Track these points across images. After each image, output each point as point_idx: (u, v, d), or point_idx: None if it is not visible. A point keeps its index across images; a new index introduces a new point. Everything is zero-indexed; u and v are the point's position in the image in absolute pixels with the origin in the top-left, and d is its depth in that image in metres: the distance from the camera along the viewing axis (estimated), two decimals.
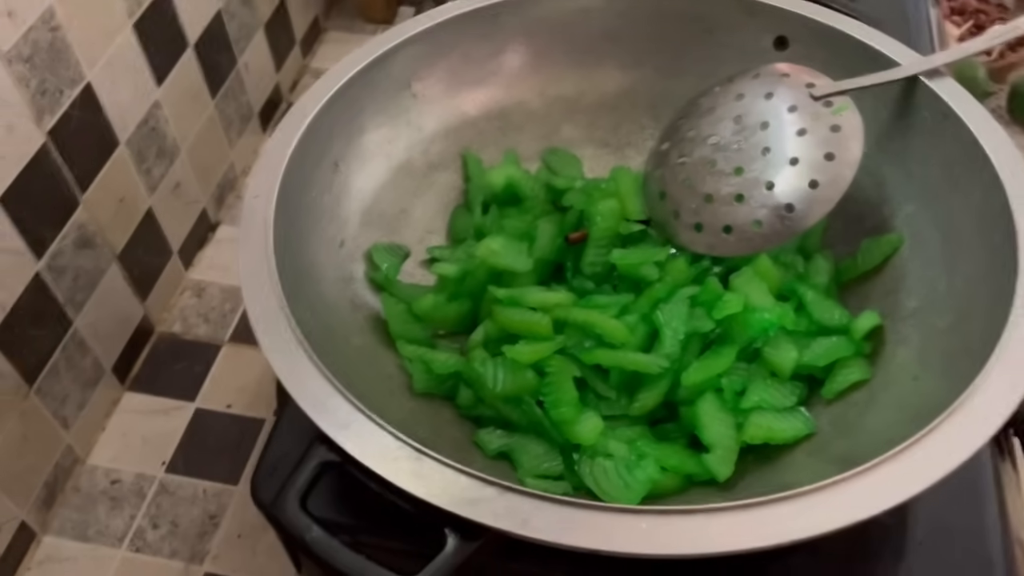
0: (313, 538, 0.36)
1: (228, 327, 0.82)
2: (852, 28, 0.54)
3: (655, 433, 0.47)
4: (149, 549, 0.68)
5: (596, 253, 0.52)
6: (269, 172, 0.47)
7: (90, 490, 0.71)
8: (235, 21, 0.87)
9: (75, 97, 0.65)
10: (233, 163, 0.92)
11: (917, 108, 0.51)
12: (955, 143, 0.48)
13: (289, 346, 0.40)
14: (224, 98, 0.88)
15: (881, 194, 0.53)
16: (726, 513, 0.35)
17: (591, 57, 0.60)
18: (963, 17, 0.97)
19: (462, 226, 0.58)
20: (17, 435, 0.64)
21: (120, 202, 0.73)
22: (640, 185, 0.54)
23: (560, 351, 0.47)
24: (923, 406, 0.40)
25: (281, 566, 0.67)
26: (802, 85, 0.50)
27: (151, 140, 0.76)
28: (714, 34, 0.58)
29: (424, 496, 0.35)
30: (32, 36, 0.60)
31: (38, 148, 0.63)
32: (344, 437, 0.37)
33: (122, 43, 0.70)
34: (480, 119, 0.59)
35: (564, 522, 0.35)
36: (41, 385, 0.66)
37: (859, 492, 0.35)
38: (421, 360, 0.48)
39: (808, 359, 0.47)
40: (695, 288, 0.49)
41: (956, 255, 0.47)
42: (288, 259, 0.45)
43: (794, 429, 0.45)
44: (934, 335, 0.46)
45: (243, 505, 0.70)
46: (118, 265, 0.74)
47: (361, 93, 0.53)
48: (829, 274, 0.52)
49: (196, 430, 0.75)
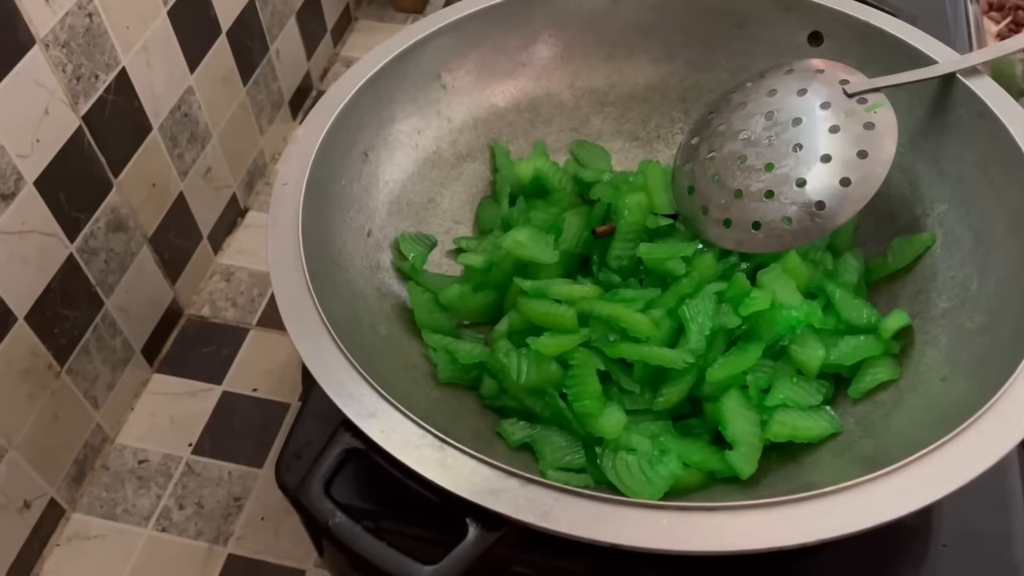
0: (336, 523, 0.37)
1: (256, 312, 0.83)
2: (888, 24, 0.53)
3: (678, 428, 0.47)
4: (175, 529, 0.69)
5: (623, 247, 0.52)
6: (299, 160, 0.47)
7: (118, 469, 0.72)
8: (268, 8, 0.88)
9: (110, 82, 0.66)
10: (263, 150, 0.93)
11: (953, 106, 0.50)
12: (991, 142, 0.48)
13: (316, 333, 0.40)
14: (255, 85, 0.88)
15: (914, 193, 0.52)
16: (748, 511, 0.35)
17: (622, 50, 0.60)
18: (1001, 13, 0.95)
19: (489, 217, 0.58)
20: (49, 413, 0.66)
21: (152, 186, 0.74)
22: (669, 179, 0.53)
23: (584, 344, 0.47)
24: (951, 408, 0.40)
25: (304, 550, 0.67)
26: (836, 81, 0.49)
27: (183, 125, 0.77)
28: (747, 28, 0.57)
29: (447, 485, 0.36)
30: (69, 21, 0.61)
31: (73, 132, 0.63)
32: (369, 425, 0.38)
33: (157, 29, 0.71)
34: (509, 111, 0.59)
35: (585, 515, 0.35)
36: (72, 365, 0.67)
37: (884, 493, 0.35)
38: (446, 350, 0.48)
39: (835, 358, 0.47)
40: (722, 284, 0.49)
41: (989, 256, 0.47)
42: (316, 247, 0.45)
43: (819, 428, 0.45)
44: (964, 336, 0.45)
45: (267, 488, 0.71)
46: (149, 248, 0.75)
47: (391, 83, 0.53)
48: (859, 272, 0.52)
49: (222, 413, 0.76)
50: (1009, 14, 0.94)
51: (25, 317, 0.61)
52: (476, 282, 0.53)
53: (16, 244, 0.60)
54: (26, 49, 0.57)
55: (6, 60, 0.56)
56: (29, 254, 0.61)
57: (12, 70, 0.56)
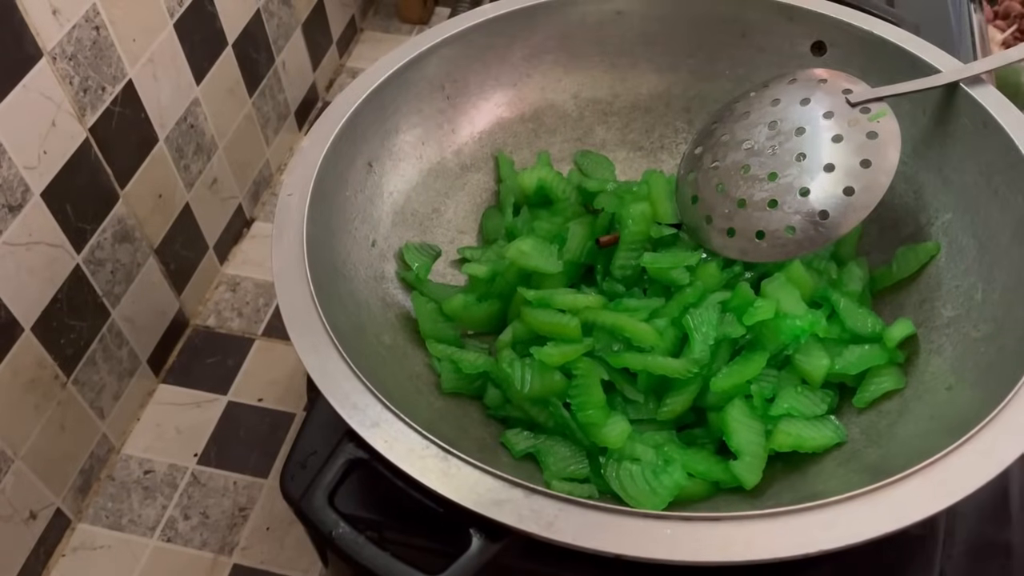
0: (340, 534, 0.37)
1: (261, 322, 0.83)
2: (891, 33, 0.53)
3: (682, 438, 0.47)
4: (180, 539, 0.69)
5: (627, 256, 0.52)
6: (304, 170, 0.48)
7: (124, 479, 0.73)
8: (274, 20, 0.89)
9: (116, 94, 0.67)
10: (269, 160, 0.93)
11: (957, 115, 0.50)
12: (995, 151, 0.47)
13: (321, 344, 0.41)
14: (261, 96, 0.89)
15: (918, 201, 0.52)
16: (753, 521, 0.35)
17: (626, 60, 0.60)
18: (1007, 21, 0.95)
19: (493, 227, 0.58)
20: (55, 423, 0.66)
21: (158, 197, 0.74)
22: (672, 189, 0.54)
23: (588, 354, 0.47)
24: (957, 417, 0.39)
25: (308, 560, 0.67)
26: (839, 91, 0.49)
27: (189, 137, 0.77)
28: (750, 38, 0.57)
29: (450, 495, 0.36)
30: (76, 34, 0.61)
31: (80, 144, 0.64)
32: (373, 435, 0.38)
33: (163, 41, 0.71)
34: (513, 121, 0.60)
35: (589, 526, 0.35)
36: (78, 375, 0.68)
37: (890, 503, 0.35)
38: (450, 359, 0.48)
39: (840, 367, 0.47)
40: (726, 293, 0.49)
41: (994, 264, 0.47)
42: (320, 257, 0.45)
43: (824, 437, 0.45)
44: (969, 345, 0.45)
45: (272, 498, 0.71)
46: (155, 259, 0.76)
47: (396, 94, 0.53)
48: (863, 281, 0.52)
49: (228, 423, 0.76)
50: (1015, 22, 0.94)
51: (32, 328, 0.62)
52: (480, 292, 0.53)
53: (23, 255, 0.60)
54: (33, 62, 0.58)
55: (13, 73, 0.57)
56: (36, 265, 0.61)
57: (20, 83, 0.57)
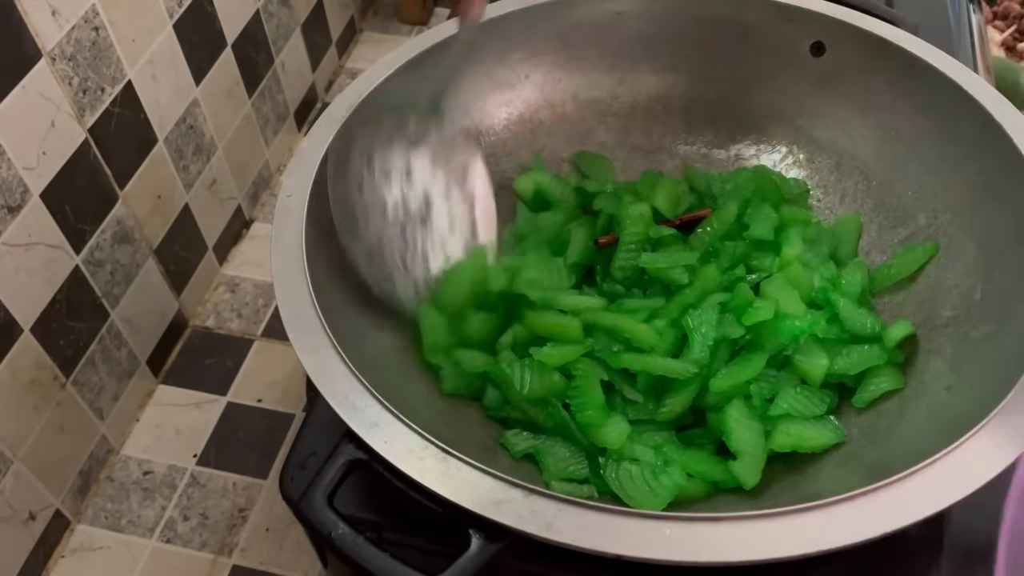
0: (339, 535, 0.37)
1: (260, 322, 0.83)
2: (890, 33, 0.53)
3: (682, 439, 0.47)
4: (179, 540, 0.69)
5: (626, 257, 0.52)
6: (303, 171, 0.48)
7: (123, 480, 0.72)
8: (273, 21, 0.89)
9: (116, 95, 0.67)
10: (268, 161, 0.93)
11: (956, 115, 0.50)
12: (994, 151, 0.47)
13: (320, 345, 0.41)
14: (261, 97, 0.89)
15: (917, 202, 0.52)
16: (752, 521, 0.35)
17: (625, 61, 0.60)
18: (1006, 22, 0.95)
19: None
20: (54, 424, 0.66)
21: (158, 198, 0.74)
22: (671, 189, 0.53)
23: (588, 354, 0.47)
24: (956, 417, 0.39)
25: (308, 561, 0.67)
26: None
27: (189, 137, 0.77)
28: (749, 39, 0.57)
29: (450, 496, 0.36)
30: (75, 35, 0.61)
31: (79, 144, 0.64)
32: (372, 436, 0.38)
33: (162, 42, 0.71)
34: (513, 122, 0.60)
35: (588, 526, 0.35)
36: (78, 376, 0.68)
37: (890, 503, 0.35)
38: (451, 359, 0.48)
39: (839, 367, 0.47)
40: (725, 294, 0.49)
41: (993, 264, 0.47)
42: (320, 258, 0.45)
43: (823, 438, 0.45)
44: (969, 345, 0.45)
45: (272, 499, 0.71)
46: (154, 260, 0.76)
47: (395, 95, 0.53)
48: (863, 282, 0.52)
49: (227, 424, 0.76)
50: (1014, 22, 0.94)
51: (31, 329, 0.62)
52: None
53: (22, 256, 0.60)
54: (33, 62, 0.58)
55: (13, 73, 0.56)
56: (35, 266, 0.61)
57: (19, 83, 0.57)
